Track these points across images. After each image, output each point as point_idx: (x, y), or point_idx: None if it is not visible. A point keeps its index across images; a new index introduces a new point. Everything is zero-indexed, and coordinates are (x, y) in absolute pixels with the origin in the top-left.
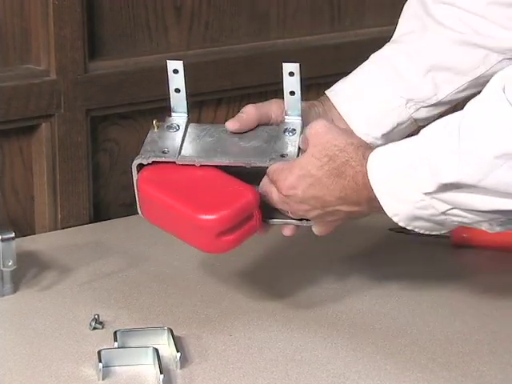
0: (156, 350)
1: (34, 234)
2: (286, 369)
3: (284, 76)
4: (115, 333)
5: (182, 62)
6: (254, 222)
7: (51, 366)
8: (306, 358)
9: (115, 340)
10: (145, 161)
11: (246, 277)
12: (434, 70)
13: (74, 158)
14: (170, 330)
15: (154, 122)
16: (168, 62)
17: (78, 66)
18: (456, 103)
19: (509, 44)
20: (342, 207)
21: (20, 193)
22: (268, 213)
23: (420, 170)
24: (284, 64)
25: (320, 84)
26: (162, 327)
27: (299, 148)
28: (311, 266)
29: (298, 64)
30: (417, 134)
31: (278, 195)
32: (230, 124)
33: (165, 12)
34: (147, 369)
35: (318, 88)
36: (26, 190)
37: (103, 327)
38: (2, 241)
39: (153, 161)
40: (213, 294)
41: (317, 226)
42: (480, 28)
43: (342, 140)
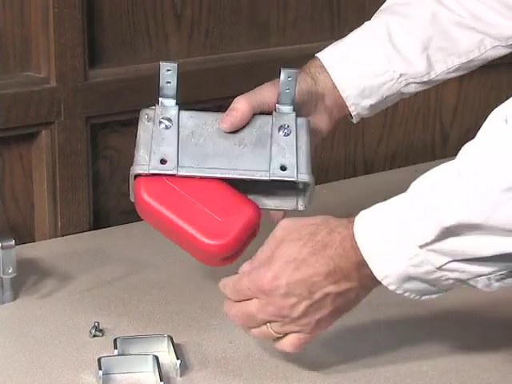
0: (156, 358)
1: (34, 242)
2: (286, 376)
3: (282, 79)
4: (115, 340)
5: (176, 65)
6: (255, 232)
7: (51, 373)
8: (306, 365)
9: (115, 347)
10: (144, 172)
11: None
12: (430, 48)
13: (74, 166)
14: (170, 338)
15: (142, 113)
16: (161, 63)
17: (78, 74)
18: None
19: (505, 31)
20: (331, 288)
21: (20, 200)
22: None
23: (415, 220)
24: (282, 69)
25: None
26: (162, 335)
27: (296, 151)
28: None
29: (296, 71)
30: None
31: (256, 303)
32: (225, 125)
33: (165, 19)
34: (147, 376)
35: None
36: (26, 198)
37: (103, 335)
38: (2, 248)
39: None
40: (213, 302)
41: (296, 336)
42: (478, 13)
43: (318, 217)
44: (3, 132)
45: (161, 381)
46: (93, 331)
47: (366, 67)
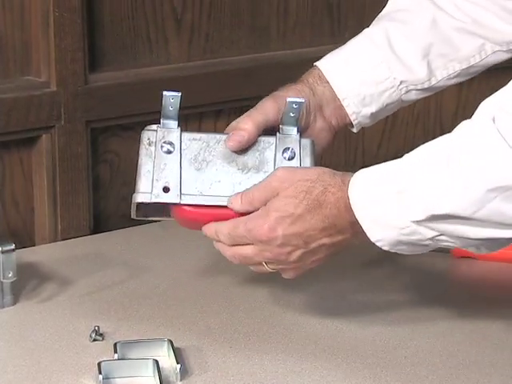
0: (156, 362)
1: (34, 246)
2: (287, 380)
3: (288, 106)
4: (115, 344)
5: (179, 94)
6: None
7: (51, 377)
8: (307, 370)
9: (115, 352)
10: (146, 201)
11: (246, 288)
12: (430, 54)
13: (74, 170)
14: (170, 342)
15: (143, 135)
16: (164, 93)
17: (78, 78)
18: (441, 89)
19: (506, 36)
20: (326, 240)
21: (20, 204)
22: None
23: (407, 198)
24: (288, 99)
25: None
26: (162, 339)
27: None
28: (311, 278)
29: (302, 101)
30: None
31: (253, 248)
32: (232, 143)
33: (165, 24)
34: (147, 381)
35: None
36: (26, 202)
37: (103, 339)
38: (2, 252)
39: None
40: (213, 306)
41: (292, 271)
42: (478, 18)
43: (313, 172)
44: (3, 136)
45: None
46: (93, 335)
47: (366, 75)
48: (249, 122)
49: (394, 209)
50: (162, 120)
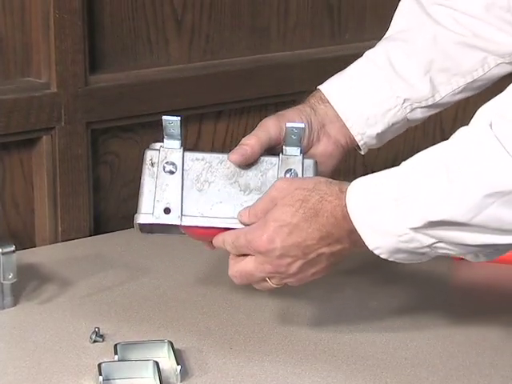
0: (156, 363)
1: (35, 247)
2: (287, 382)
3: (288, 132)
4: (115, 346)
5: (179, 118)
6: None
7: (51, 379)
8: (307, 371)
9: (115, 353)
10: (148, 222)
11: (247, 290)
12: (432, 70)
13: (75, 171)
14: (171, 343)
15: (146, 155)
16: (164, 118)
17: (78, 79)
18: (447, 106)
19: (507, 48)
20: (324, 249)
21: (20, 205)
22: None
23: (405, 205)
24: (287, 124)
25: None
26: (163, 340)
27: None
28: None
29: (302, 126)
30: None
31: (254, 261)
32: (235, 156)
33: (165, 25)
34: (147, 382)
35: None
36: (27, 203)
37: (103, 340)
38: (3, 254)
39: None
40: (213, 307)
41: (295, 282)
42: (478, 31)
43: (310, 181)
44: (4, 138)
45: None
46: (93, 337)
47: (368, 95)
48: (252, 138)
49: (391, 215)
50: (164, 139)
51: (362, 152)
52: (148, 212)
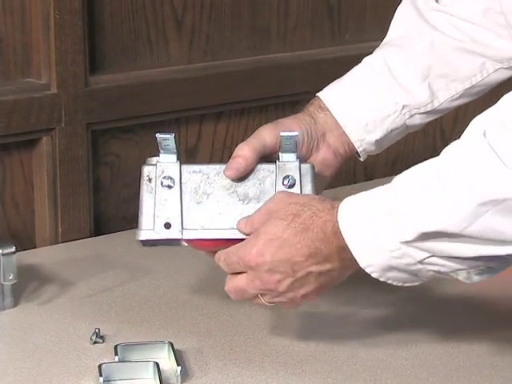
0: (157, 364)
1: (35, 248)
2: (287, 383)
3: (283, 140)
4: (116, 347)
5: (173, 135)
6: None
7: (52, 380)
8: (307, 372)
9: (116, 354)
10: (149, 238)
11: None
12: (431, 76)
13: (75, 172)
14: (171, 344)
15: (143, 171)
16: (158, 136)
17: (78, 80)
18: (445, 112)
19: (505, 53)
20: (313, 267)
21: (20, 206)
22: None
23: (399, 217)
24: (282, 134)
25: None
26: (163, 341)
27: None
28: None
29: (296, 134)
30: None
31: (245, 278)
32: (230, 172)
33: (166, 26)
34: (148, 383)
35: None
36: (27, 204)
37: (104, 341)
38: (3, 255)
39: None
40: (213, 308)
41: (288, 304)
42: (477, 36)
43: (304, 197)
44: (4, 138)
45: None
46: (93, 338)
47: (367, 101)
48: (245, 147)
49: (384, 229)
50: (160, 154)
51: (362, 159)
52: (149, 228)
